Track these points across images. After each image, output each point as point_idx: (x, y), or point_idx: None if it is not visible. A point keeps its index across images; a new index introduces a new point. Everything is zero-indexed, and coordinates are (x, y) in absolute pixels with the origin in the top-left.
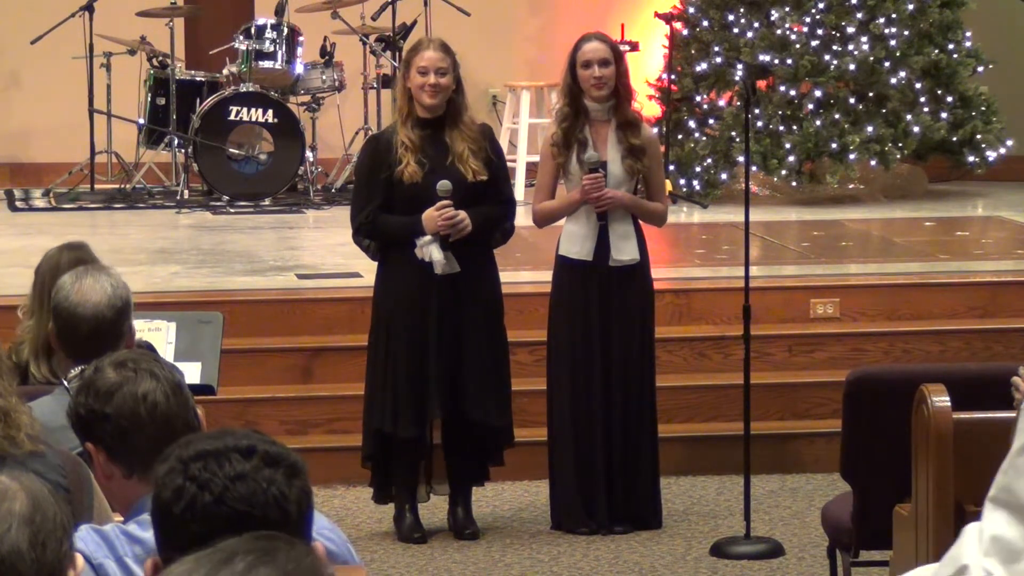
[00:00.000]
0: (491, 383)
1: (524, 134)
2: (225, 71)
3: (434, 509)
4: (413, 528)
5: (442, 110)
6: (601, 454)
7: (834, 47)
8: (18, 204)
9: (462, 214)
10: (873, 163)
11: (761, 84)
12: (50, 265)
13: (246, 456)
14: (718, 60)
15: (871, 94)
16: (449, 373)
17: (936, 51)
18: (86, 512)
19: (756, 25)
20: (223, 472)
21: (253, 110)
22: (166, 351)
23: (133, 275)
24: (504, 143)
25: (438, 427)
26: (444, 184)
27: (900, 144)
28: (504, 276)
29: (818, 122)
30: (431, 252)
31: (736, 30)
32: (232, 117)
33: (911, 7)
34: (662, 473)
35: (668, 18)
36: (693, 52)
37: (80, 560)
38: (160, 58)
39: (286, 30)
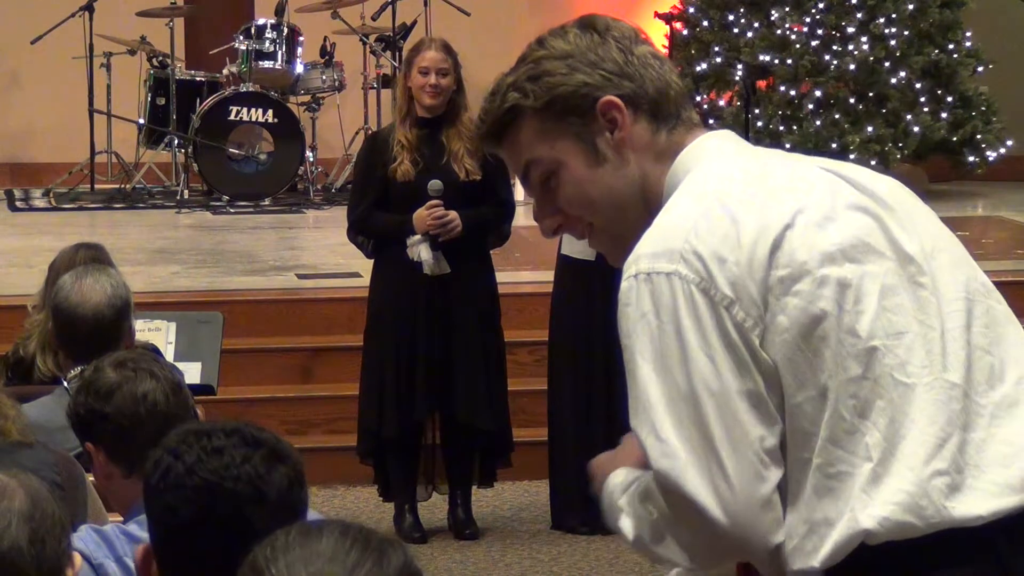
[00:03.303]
0: (482, 386)
1: None
2: (225, 71)
3: (434, 509)
4: (413, 528)
5: (442, 109)
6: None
7: (834, 47)
8: (18, 204)
9: (452, 214)
10: (873, 163)
11: (761, 84)
12: (65, 263)
13: (228, 435)
14: (718, 60)
15: (871, 94)
16: (439, 374)
17: (936, 51)
18: (80, 510)
19: (756, 25)
20: (200, 445)
21: (253, 110)
22: (166, 351)
23: (133, 275)
24: None
25: (438, 428)
26: (434, 184)
27: (900, 144)
28: (504, 276)
29: (818, 122)
30: (420, 252)
31: (736, 30)
32: (232, 117)
33: (911, 7)
34: None
35: (668, 18)
36: (693, 52)
37: (78, 559)
38: (160, 58)
39: (286, 30)
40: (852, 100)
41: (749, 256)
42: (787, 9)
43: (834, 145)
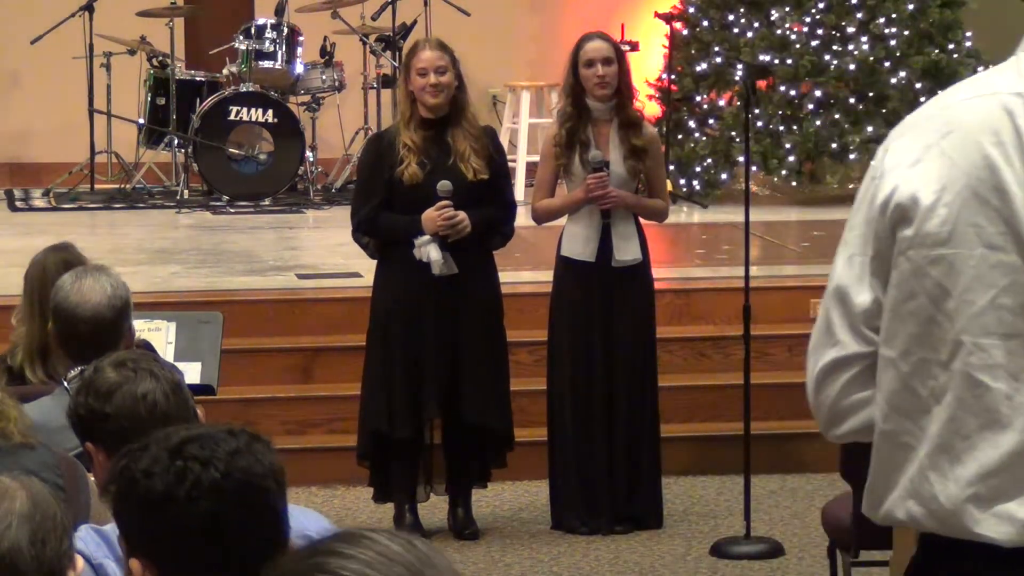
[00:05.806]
0: (489, 385)
1: (524, 134)
2: (225, 71)
3: (434, 509)
4: (413, 528)
5: (446, 109)
6: (602, 454)
7: (834, 47)
8: (18, 204)
9: (461, 215)
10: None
11: (761, 84)
12: (38, 270)
13: (232, 435)
14: (718, 60)
15: (871, 94)
16: (446, 374)
17: (936, 51)
18: (82, 512)
19: (756, 25)
20: (220, 449)
21: (253, 110)
22: (166, 351)
23: (133, 275)
24: (504, 143)
25: (438, 427)
26: (444, 184)
27: None
28: (504, 276)
29: (818, 122)
30: (429, 252)
31: (736, 30)
32: (232, 117)
33: (911, 7)
34: (662, 473)
35: (668, 18)
36: (693, 52)
37: (80, 561)
38: (160, 58)
39: (286, 30)
40: (852, 100)
41: (888, 200)
42: (787, 9)
43: (834, 145)
